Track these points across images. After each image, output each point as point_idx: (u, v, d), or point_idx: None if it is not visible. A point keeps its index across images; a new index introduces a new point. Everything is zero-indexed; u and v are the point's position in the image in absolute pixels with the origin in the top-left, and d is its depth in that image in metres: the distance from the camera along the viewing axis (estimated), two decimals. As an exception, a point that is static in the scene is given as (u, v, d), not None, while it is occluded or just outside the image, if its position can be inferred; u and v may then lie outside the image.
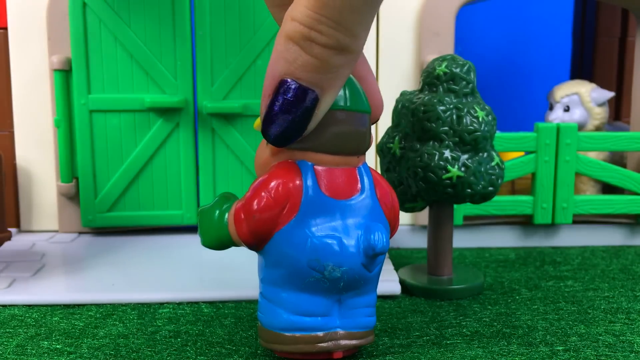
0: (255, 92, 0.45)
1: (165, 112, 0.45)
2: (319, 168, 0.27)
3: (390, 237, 0.29)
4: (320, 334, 0.28)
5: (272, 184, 0.27)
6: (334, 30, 0.24)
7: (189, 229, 0.49)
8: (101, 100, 0.45)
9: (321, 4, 0.24)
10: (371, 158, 0.48)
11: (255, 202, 0.27)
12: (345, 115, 0.27)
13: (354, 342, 0.28)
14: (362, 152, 0.29)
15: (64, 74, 0.44)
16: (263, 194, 0.27)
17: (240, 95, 0.45)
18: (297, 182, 0.27)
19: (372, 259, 0.27)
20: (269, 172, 0.28)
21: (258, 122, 0.28)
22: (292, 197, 0.27)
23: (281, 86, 0.25)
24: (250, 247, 0.28)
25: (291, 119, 0.26)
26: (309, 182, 0.27)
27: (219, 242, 0.28)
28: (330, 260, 0.27)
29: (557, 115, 0.50)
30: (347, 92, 0.27)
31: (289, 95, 0.25)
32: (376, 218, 0.28)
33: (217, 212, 0.28)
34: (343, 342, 0.28)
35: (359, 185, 0.28)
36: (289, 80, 0.25)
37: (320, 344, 0.28)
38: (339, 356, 0.29)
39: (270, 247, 0.27)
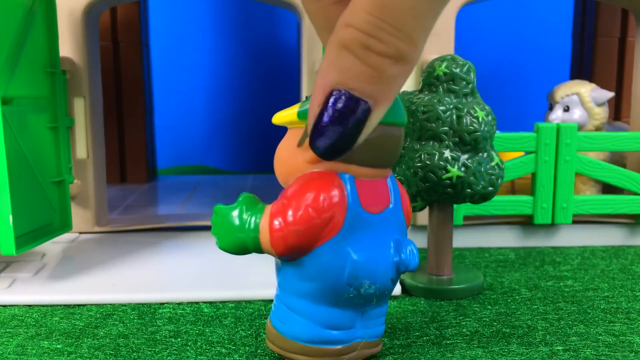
0: None
1: None
2: (359, 181, 0.27)
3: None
4: (345, 345, 0.28)
5: (316, 196, 0.26)
6: (394, 38, 0.22)
7: (190, 229, 0.49)
8: None
9: (383, 8, 0.22)
10: (371, 158, 0.48)
11: (297, 215, 0.26)
12: (387, 128, 0.27)
13: (371, 350, 0.29)
14: (395, 162, 0.29)
15: None
16: (306, 206, 0.26)
17: None
18: (342, 196, 0.26)
19: (400, 274, 0.28)
20: (308, 181, 0.26)
21: (279, 116, 0.27)
22: (336, 212, 0.26)
23: (333, 96, 0.23)
24: (282, 259, 0.27)
25: (342, 132, 0.24)
26: (351, 197, 0.26)
27: (241, 247, 0.27)
28: (367, 277, 0.26)
29: (557, 115, 0.50)
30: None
31: (341, 106, 0.23)
32: (403, 230, 0.28)
33: (243, 215, 0.27)
34: (362, 351, 0.28)
35: (390, 197, 0.28)
36: (341, 90, 0.23)
37: (344, 356, 0.28)
38: None
39: (308, 261, 0.26)
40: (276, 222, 0.26)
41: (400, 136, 0.27)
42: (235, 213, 0.27)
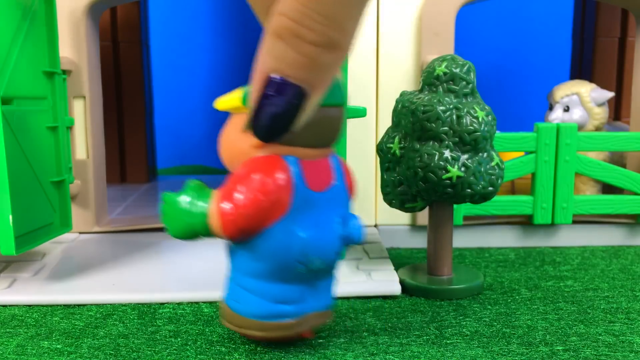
0: None
1: None
2: (303, 162, 0.27)
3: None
4: (298, 318, 0.29)
5: (262, 179, 0.26)
6: (325, 27, 0.23)
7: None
8: None
9: None
10: (371, 158, 0.48)
11: (245, 198, 0.26)
12: (328, 110, 0.27)
13: (322, 320, 0.30)
14: (337, 141, 0.29)
15: None
16: (253, 190, 0.26)
17: None
18: (287, 178, 0.27)
19: (347, 247, 0.29)
20: (254, 165, 0.27)
21: (223, 101, 0.28)
22: (283, 194, 0.27)
23: (269, 83, 0.24)
24: (233, 241, 0.28)
25: (280, 116, 0.25)
26: (297, 178, 0.27)
27: (192, 233, 0.28)
28: (316, 254, 0.28)
29: (556, 116, 0.50)
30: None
31: (277, 92, 0.24)
32: (347, 205, 0.30)
33: (192, 201, 0.27)
34: (314, 322, 0.30)
35: (334, 174, 0.29)
36: (277, 77, 0.24)
37: (297, 328, 0.29)
38: (309, 335, 0.30)
39: (259, 242, 0.27)
40: (225, 207, 0.27)
41: (339, 117, 0.28)
42: (184, 199, 0.28)
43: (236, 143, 0.28)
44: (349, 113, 0.35)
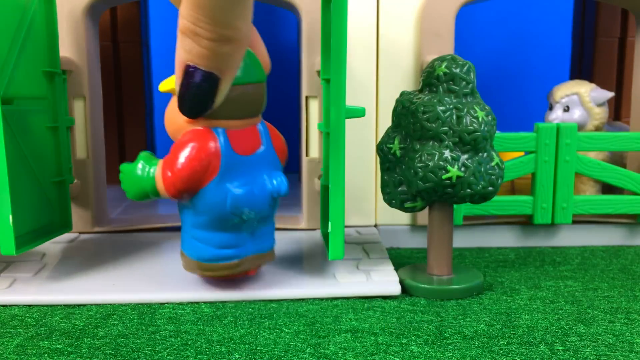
0: None
1: None
2: (229, 131, 0.34)
3: (283, 165, 0.37)
4: (239, 259, 0.35)
5: (195, 149, 0.33)
6: (214, 26, 0.28)
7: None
8: None
9: (195, 5, 0.28)
10: (371, 158, 0.48)
11: (182, 165, 0.33)
12: (246, 87, 0.33)
13: (264, 259, 0.37)
14: (260, 112, 0.36)
15: None
16: (188, 157, 0.33)
17: None
18: (216, 146, 0.33)
19: (276, 200, 0.35)
20: (189, 137, 0.33)
21: (164, 84, 0.34)
22: (213, 159, 0.33)
23: (186, 71, 0.30)
24: (176, 200, 0.35)
25: (198, 98, 0.31)
26: (224, 145, 0.33)
27: (144, 194, 0.34)
28: (247, 206, 0.34)
29: (556, 116, 0.50)
30: (245, 67, 0.33)
31: (193, 79, 0.30)
32: (276, 165, 0.36)
33: (143, 169, 0.34)
34: (255, 262, 0.36)
35: (261, 140, 0.35)
36: (191, 66, 0.30)
37: (240, 267, 0.36)
38: (253, 273, 0.38)
39: (197, 200, 0.34)
40: (168, 172, 0.33)
41: (258, 92, 0.34)
42: (137, 167, 0.34)
43: (175, 119, 0.34)
44: (348, 113, 0.36)
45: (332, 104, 0.35)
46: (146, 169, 0.34)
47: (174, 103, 0.34)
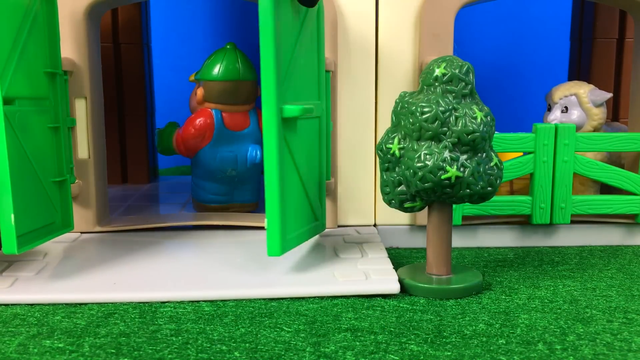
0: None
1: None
2: (225, 113, 0.50)
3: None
4: (227, 204, 0.52)
5: (198, 122, 0.50)
6: None
7: (190, 229, 0.49)
8: None
9: None
10: (371, 158, 0.48)
11: (188, 132, 0.50)
12: (238, 83, 0.50)
13: (248, 207, 0.53)
14: (251, 102, 0.51)
15: None
16: (192, 127, 0.50)
17: None
18: (211, 121, 0.50)
19: (252, 165, 0.51)
20: (196, 114, 0.50)
21: (191, 76, 0.52)
22: (208, 130, 0.50)
23: None
24: (185, 156, 0.51)
25: None
26: (217, 122, 0.50)
27: (167, 151, 0.52)
28: (230, 166, 0.51)
29: (555, 116, 0.50)
30: (240, 68, 0.50)
31: None
32: (259, 142, 0.51)
33: (167, 132, 0.51)
34: (241, 208, 0.52)
35: (249, 121, 0.51)
36: None
37: (226, 211, 0.52)
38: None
39: (197, 157, 0.51)
40: (179, 136, 0.50)
41: (247, 88, 0.51)
42: (164, 132, 0.52)
43: (192, 102, 0.51)
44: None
45: (263, 105, 0.38)
46: (170, 134, 0.51)
47: (193, 91, 0.51)
